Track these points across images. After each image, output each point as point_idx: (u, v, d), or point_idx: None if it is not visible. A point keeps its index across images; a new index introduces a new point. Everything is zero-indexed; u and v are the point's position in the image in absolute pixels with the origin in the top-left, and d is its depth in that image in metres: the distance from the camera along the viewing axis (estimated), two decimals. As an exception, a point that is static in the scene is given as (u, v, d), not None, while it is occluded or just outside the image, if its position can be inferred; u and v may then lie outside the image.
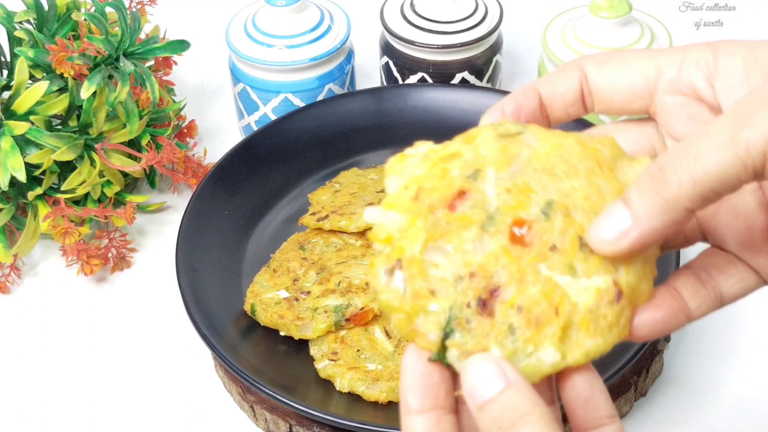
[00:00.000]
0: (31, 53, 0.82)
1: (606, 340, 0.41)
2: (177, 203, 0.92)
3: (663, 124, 0.46)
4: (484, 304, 0.41)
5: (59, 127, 0.86)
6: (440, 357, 0.41)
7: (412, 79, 0.95)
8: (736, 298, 0.44)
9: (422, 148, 0.43)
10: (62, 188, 0.84)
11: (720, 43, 0.43)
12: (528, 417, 0.39)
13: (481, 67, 0.94)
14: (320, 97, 0.93)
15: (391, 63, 0.96)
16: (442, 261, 0.41)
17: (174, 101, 0.93)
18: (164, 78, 0.94)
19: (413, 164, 0.42)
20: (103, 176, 0.86)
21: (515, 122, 0.43)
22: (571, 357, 0.41)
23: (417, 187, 0.41)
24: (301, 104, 0.92)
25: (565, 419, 0.44)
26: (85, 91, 0.80)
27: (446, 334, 0.41)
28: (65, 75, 0.81)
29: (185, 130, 0.94)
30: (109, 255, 0.85)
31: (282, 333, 0.74)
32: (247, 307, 0.76)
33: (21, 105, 0.81)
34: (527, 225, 0.41)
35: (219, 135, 0.99)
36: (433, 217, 0.41)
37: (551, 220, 0.41)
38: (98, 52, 0.82)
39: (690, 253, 0.48)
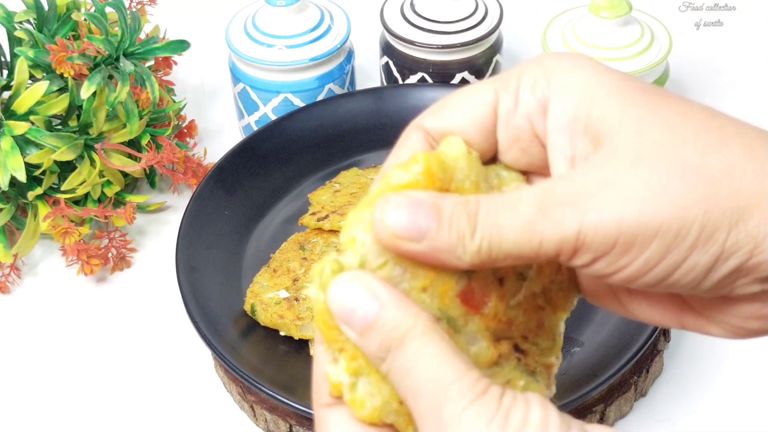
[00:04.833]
0: (31, 53, 0.82)
1: None
2: (177, 203, 0.92)
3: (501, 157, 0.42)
4: None
5: (59, 127, 0.86)
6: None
7: (412, 79, 0.95)
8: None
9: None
10: (62, 188, 0.84)
11: (557, 70, 0.39)
12: (413, 330, 0.37)
13: (481, 67, 0.94)
14: (320, 97, 0.93)
15: (391, 63, 0.96)
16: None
17: (174, 101, 0.93)
18: (164, 78, 0.94)
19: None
20: (103, 176, 0.86)
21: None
22: None
23: None
24: (301, 104, 0.92)
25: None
26: (85, 91, 0.80)
27: None
28: (65, 75, 0.81)
29: (185, 130, 0.94)
30: (109, 255, 0.85)
31: (282, 333, 0.74)
32: (247, 307, 0.76)
33: (21, 105, 0.81)
34: None
35: (219, 135, 0.99)
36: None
37: None
38: (98, 52, 0.82)
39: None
